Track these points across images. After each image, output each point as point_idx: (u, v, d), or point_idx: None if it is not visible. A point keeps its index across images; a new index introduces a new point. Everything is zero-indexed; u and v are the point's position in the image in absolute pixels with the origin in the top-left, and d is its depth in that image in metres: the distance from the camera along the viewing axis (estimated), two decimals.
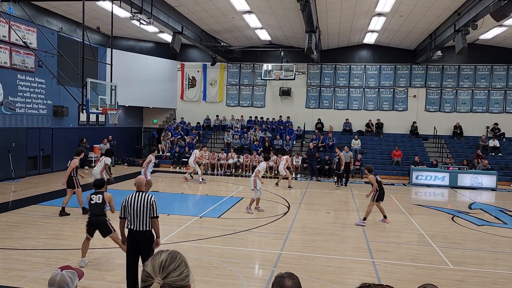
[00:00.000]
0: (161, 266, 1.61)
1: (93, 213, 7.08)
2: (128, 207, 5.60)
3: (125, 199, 5.66)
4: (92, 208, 7.09)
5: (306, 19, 15.13)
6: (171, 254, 1.68)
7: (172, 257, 1.67)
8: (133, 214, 5.57)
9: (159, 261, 1.63)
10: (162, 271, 1.60)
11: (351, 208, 13.09)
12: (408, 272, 7.27)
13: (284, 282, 2.15)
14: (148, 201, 5.62)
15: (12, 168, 15.75)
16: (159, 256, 1.66)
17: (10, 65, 15.61)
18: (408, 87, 23.86)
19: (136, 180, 5.96)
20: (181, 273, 1.63)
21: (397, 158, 21.06)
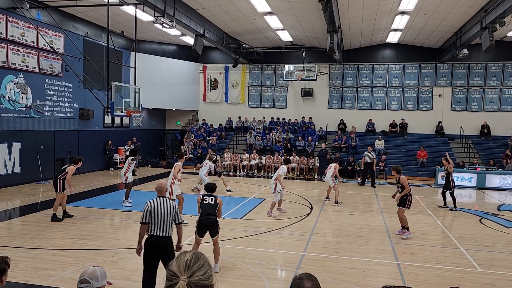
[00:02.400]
0: (186, 265, 1.65)
1: (206, 211, 7.02)
2: (153, 212, 5.53)
3: (149, 204, 5.59)
4: (205, 207, 7.05)
5: (327, 19, 15.02)
6: (195, 254, 1.72)
7: (196, 257, 1.70)
8: (158, 220, 5.51)
9: (183, 260, 1.67)
10: (187, 270, 1.63)
11: (375, 210, 12.91)
12: (434, 275, 7.12)
13: (303, 284, 2.10)
14: (173, 207, 5.63)
15: (41, 169, 16.21)
16: (184, 256, 1.70)
17: (38, 70, 16.09)
18: (433, 86, 23.37)
19: (157, 184, 5.90)
20: (205, 272, 1.66)
21: (422, 158, 20.65)
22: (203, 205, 7.09)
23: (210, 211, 7.04)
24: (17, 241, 8.44)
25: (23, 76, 15.39)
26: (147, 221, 5.51)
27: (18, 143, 15.26)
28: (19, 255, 7.52)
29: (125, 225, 10.38)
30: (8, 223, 10.28)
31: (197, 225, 7.09)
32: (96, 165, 19.88)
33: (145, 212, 5.54)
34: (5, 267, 3.18)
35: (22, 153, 15.42)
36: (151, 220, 5.50)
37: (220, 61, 25.74)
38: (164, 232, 5.53)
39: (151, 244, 5.50)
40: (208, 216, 7.01)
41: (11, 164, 15.01)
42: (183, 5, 16.11)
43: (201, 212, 7.06)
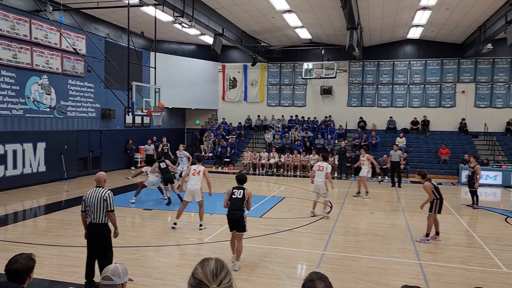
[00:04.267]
0: (213, 273, 1.72)
1: (233, 206, 7.12)
2: (87, 201, 6.02)
3: (84, 194, 6.12)
4: (232, 201, 7.14)
5: (347, 16, 14.86)
6: (218, 262, 1.78)
7: (221, 265, 1.77)
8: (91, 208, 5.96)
9: (210, 269, 1.73)
10: (215, 279, 1.71)
11: (396, 208, 12.73)
12: (458, 275, 6.97)
13: (316, 286, 2.05)
14: (102, 195, 5.99)
15: (65, 168, 16.58)
16: (208, 264, 1.76)
17: (61, 71, 16.44)
18: (456, 82, 22.87)
19: (96, 175, 6.31)
20: (229, 280, 1.74)
21: (445, 156, 20.24)
22: (232, 199, 7.17)
23: (237, 206, 7.10)
24: (43, 239, 8.65)
25: (47, 77, 15.76)
26: (83, 209, 6.10)
27: (43, 143, 15.64)
28: (45, 252, 7.71)
29: (146, 223, 10.52)
30: (33, 221, 10.55)
31: (227, 220, 7.23)
32: (118, 164, 20.21)
33: (82, 201, 6.13)
34: (33, 264, 3.27)
35: (47, 153, 15.80)
36: (87, 208, 6.02)
37: (239, 60, 25.79)
38: (97, 219, 5.97)
39: (89, 230, 6.07)
40: (234, 211, 7.08)
41: (36, 163, 15.40)
42: (202, 4, 16.20)
43: (229, 207, 7.16)
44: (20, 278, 3.16)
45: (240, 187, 7.29)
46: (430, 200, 8.95)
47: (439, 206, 9.02)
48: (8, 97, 14.16)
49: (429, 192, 8.88)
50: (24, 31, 14.57)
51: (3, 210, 11.41)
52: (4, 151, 14.06)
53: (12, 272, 3.13)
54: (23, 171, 14.81)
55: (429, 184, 8.91)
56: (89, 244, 6.10)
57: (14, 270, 3.13)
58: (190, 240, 8.83)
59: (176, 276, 6.68)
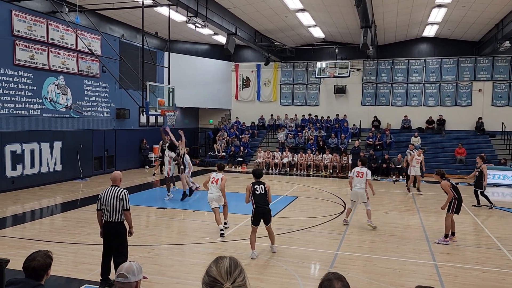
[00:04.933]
0: (227, 272, 1.73)
1: (260, 202, 7.55)
2: (102, 199, 6.11)
3: (100, 193, 6.23)
4: (258, 198, 7.54)
5: (361, 14, 14.75)
6: (232, 260, 1.79)
7: (235, 263, 1.78)
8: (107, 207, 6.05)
9: (224, 267, 1.74)
10: (229, 277, 1.72)
11: (411, 208, 12.59)
12: (474, 276, 6.87)
13: (333, 285, 2.03)
14: (118, 194, 6.08)
15: (80, 168, 16.81)
16: (222, 262, 1.77)
17: (77, 71, 16.67)
18: (473, 80, 22.50)
19: (112, 175, 6.39)
20: (243, 278, 1.75)
21: (461, 156, 19.94)
22: (256, 196, 7.53)
23: (264, 201, 7.58)
24: (59, 236, 8.79)
25: (63, 78, 16.00)
26: (99, 208, 6.16)
27: (59, 142, 15.88)
28: (61, 249, 7.83)
29: (160, 222, 10.61)
30: (50, 219, 10.73)
31: (254, 215, 7.56)
32: (132, 163, 20.41)
33: (97, 200, 6.20)
34: (50, 261, 3.33)
35: (63, 152, 16.05)
36: (103, 207, 6.11)
37: (252, 59, 25.81)
38: (113, 218, 6.05)
39: (105, 229, 6.15)
40: (263, 206, 7.56)
41: (53, 162, 15.66)
42: (215, 4, 16.26)
43: (256, 203, 7.52)
44: (38, 275, 3.22)
45: (259, 182, 7.68)
46: (450, 199, 8.77)
47: (457, 206, 8.83)
48: (26, 98, 14.43)
49: (448, 190, 8.72)
50: (41, 32, 14.82)
51: (21, 208, 11.64)
52: (22, 150, 14.33)
53: (30, 269, 3.19)
54: (40, 170, 15.07)
55: (446, 182, 8.78)
56: (104, 242, 6.19)
57: (32, 268, 3.19)
58: (203, 239, 8.87)
59: (190, 274, 6.73)
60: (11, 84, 13.84)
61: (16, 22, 13.84)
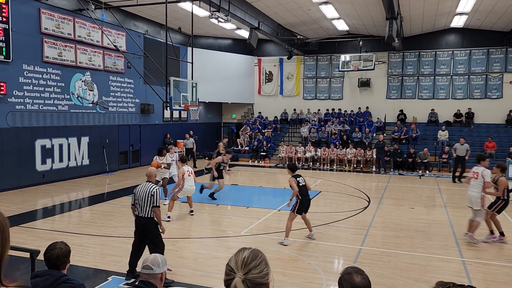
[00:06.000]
0: (243, 262, 1.71)
1: (305, 192, 8.24)
2: (136, 195, 6.30)
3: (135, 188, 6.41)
4: (303, 189, 8.21)
5: (386, 5, 14.44)
6: (253, 252, 1.77)
7: (254, 255, 1.75)
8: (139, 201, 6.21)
9: (241, 257, 1.73)
10: (244, 267, 1.69)
11: (438, 204, 12.33)
12: (503, 274, 6.68)
13: (353, 279, 2.06)
14: (150, 191, 6.19)
15: (107, 162, 17.18)
16: (242, 253, 1.76)
17: (103, 68, 16.99)
18: (503, 72, 21.74)
19: (147, 170, 6.63)
20: (261, 271, 1.71)
21: (491, 150, 19.33)
22: (300, 187, 8.17)
23: (307, 192, 8.32)
24: (87, 229, 9.02)
25: (89, 74, 16.34)
26: (133, 202, 6.37)
27: (86, 137, 16.26)
28: (89, 241, 8.04)
29: (184, 215, 10.74)
30: (78, 212, 11.03)
31: (299, 205, 8.16)
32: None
33: (132, 194, 6.42)
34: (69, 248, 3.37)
35: (90, 147, 16.42)
36: (136, 201, 6.28)
37: (275, 53, 25.69)
38: (143, 213, 6.19)
39: (136, 223, 6.34)
40: (308, 196, 8.31)
41: (80, 157, 16.05)
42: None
43: (302, 194, 8.16)
44: (62, 262, 3.29)
45: (299, 174, 8.40)
46: (498, 195, 8.34)
47: (502, 207, 8.34)
48: (54, 94, 14.81)
49: (502, 189, 8.27)
50: (68, 30, 15.15)
51: (50, 201, 12.00)
52: (51, 145, 14.74)
53: (54, 257, 3.26)
54: (68, 164, 15.48)
55: (505, 180, 8.31)
56: (135, 236, 6.36)
57: (56, 256, 3.27)
58: (226, 232, 8.93)
59: (213, 267, 6.79)
60: (40, 81, 14.22)
61: (44, 20, 14.19)
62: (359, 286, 2.05)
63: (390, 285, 6.16)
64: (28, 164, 13.88)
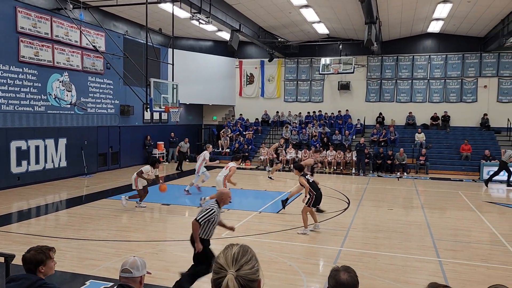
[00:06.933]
0: (233, 258, 1.64)
1: (316, 189, 8.95)
2: None
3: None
4: (312, 185, 8.96)
5: (365, 10, 14.67)
6: (242, 247, 1.70)
7: (244, 250, 1.69)
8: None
9: (231, 253, 1.66)
10: (235, 264, 1.62)
11: (416, 205, 12.56)
12: (479, 273, 6.85)
13: (339, 276, 2.11)
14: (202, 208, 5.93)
15: (85, 164, 16.88)
16: (231, 249, 1.69)
17: (81, 68, 16.71)
18: (478, 77, 22.35)
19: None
20: (253, 266, 1.65)
21: (466, 152, 19.85)
22: (311, 184, 8.92)
23: (318, 187, 9.08)
24: (64, 232, 8.84)
25: (67, 74, 16.05)
26: None
27: (64, 139, 15.95)
28: (66, 245, 7.88)
29: (164, 218, 10.65)
30: (55, 215, 10.79)
31: (314, 200, 8.87)
32: (136, 160, 20.46)
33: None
34: (42, 257, 3.28)
35: (68, 148, 16.11)
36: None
37: (256, 55, 25.76)
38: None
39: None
40: (319, 191, 9.04)
41: (58, 158, 15.73)
42: (219, 1, 16.22)
43: (315, 190, 8.89)
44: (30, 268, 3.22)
45: (306, 173, 9.17)
46: None
47: None
48: (31, 94, 14.48)
49: None
50: (45, 29, 14.85)
51: (26, 204, 11.71)
52: (27, 147, 14.40)
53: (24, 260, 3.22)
54: (45, 166, 15.15)
55: None
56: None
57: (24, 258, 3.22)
58: None
59: None
60: (16, 81, 13.89)
61: (21, 19, 13.87)
62: (342, 283, 2.10)
63: (369, 285, 6.24)
64: (2, 166, 13.52)
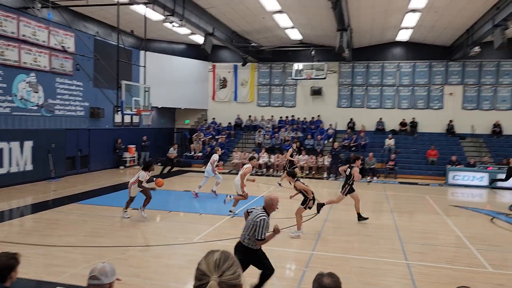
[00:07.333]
0: (216, 265, 1.65)
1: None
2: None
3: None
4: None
5: (337, 17, 14.95)
6: (224, 253, 1.72)
7: (226, 256, 1.70)
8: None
9: (213, 259, 1.67)
10: (217, 270, 1.64)
11: (385, 209, 12.83)
12: (445, 275, 7.06)
13: (322, 280, 2.22)
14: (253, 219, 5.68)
15: (52, 167, 16.38)
16: (213, 255, 1.70)
17: (49, 69, 16.25)
18: (444, 84, 23.13)
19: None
20: (234, 272, 1.66)
21: (433, 157, 20.46)
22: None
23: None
24: (30, 238, 8.54)
25: (34, 75, 15.56)
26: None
27: (30, 142, 15.44)
28: (31, 252, 7.61)
29: (134, 223, 10.45)
30: (20, 220, 10.42)
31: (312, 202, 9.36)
32: (106, 164, 20.04)
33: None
34: (14, 263, 3.21)
35: (34, 151, 15.60)
36: None
37: (229, 60, 25.77)
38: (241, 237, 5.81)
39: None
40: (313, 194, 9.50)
41: (23, 162, 15.20)
42: (193, 4, 16.16)
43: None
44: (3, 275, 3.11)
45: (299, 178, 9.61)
46: None
47: None
48: None
49: None
50: (12, 28, 14.37)
51: None
52: None
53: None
54: (9, 170, 14.61)
55: None
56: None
57: None
58: (179, 239, 8.79)
59: (165, 275, 6.65)
60: None
61: None
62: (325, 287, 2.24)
63: None
64: None
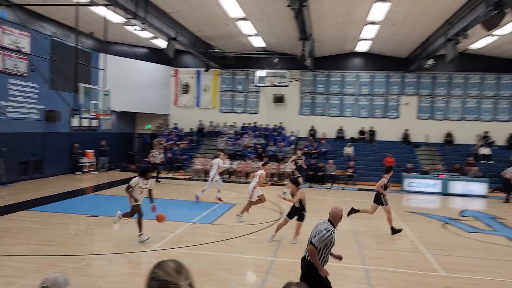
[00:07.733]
0: (176, 271, 1.67)
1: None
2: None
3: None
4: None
5: (299, 26, 15.22)
6: (174, 260, 1.75)
7: (178, 262, 1.74)
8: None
9: (171, 267, 1.69)
10: (180, 275, 1.66)
11: (344, 215, 13.08)
12: (401, 279, 7.29)
13: None
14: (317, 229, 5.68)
15: (4, 172, 15.57)
16: (166, 264, 1.71)
17: (2, 69, 15.50)
18: (401, 95, 24.04)
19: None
20: (191, 276, 1.72)
21: (389, 164, 21.11)
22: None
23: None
24: None
25: None
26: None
27: None
28: None
29: (91, 230, 10.11)
30: None
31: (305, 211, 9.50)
32: (62, 169, 19.25)
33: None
34: None
35: None
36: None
37: (192, 65, 25.59)
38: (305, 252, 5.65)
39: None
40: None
41: None
42: (155, 8, 15.95)
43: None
44: None
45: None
46: None
47: None
48: None
49: None
50: None
51: None
52: None
53: None
54: None
55: None
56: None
57: None
58: (138, 248, 8.59)
59: (122, 284, 6.47)
60: None
61: None
62: None
63: None
64: None
